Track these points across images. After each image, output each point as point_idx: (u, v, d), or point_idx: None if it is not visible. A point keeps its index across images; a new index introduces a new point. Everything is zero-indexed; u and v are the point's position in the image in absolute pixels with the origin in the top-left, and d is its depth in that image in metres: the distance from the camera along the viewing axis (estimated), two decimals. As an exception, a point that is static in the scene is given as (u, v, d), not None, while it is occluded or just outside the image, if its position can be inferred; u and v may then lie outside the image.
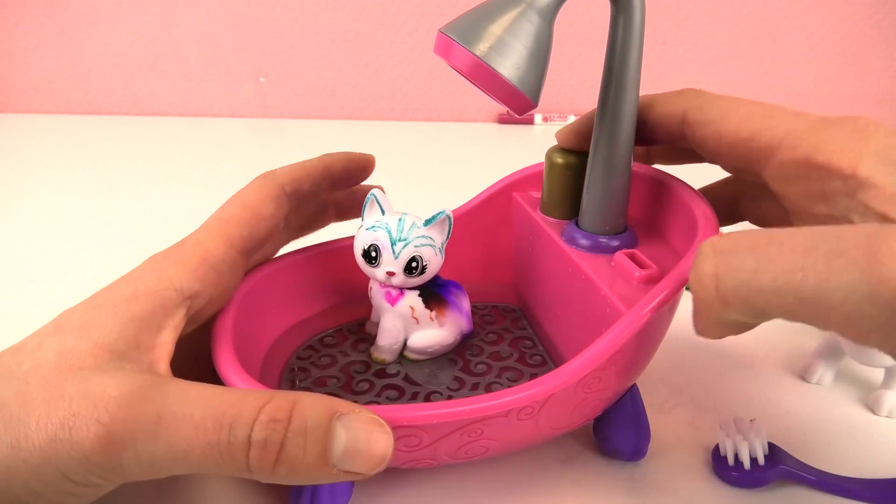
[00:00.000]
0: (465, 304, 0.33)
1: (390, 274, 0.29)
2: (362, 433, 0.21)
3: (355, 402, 0.29)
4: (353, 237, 0.31)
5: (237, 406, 0.20)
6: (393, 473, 0.28)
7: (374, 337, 0.32)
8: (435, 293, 0.31)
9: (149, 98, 0.91)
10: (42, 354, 0.22)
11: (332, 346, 0.33)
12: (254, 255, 0.29)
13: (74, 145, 0.79)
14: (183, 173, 0.69)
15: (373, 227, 0.29)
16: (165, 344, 0.24)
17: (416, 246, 0.29)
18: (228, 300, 0.28)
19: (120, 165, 0.72)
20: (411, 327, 0.31)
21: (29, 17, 0.87)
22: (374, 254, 0.29)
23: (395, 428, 0.23)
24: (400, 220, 0.29)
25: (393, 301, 0.31)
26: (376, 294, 0.31)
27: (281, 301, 0.32)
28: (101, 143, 0.80)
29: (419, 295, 0.31)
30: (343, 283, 0.34)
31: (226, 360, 0.25)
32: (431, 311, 0.31)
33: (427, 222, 0.30)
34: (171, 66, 0.90)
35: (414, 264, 0.29)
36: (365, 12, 0.88)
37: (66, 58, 0.89)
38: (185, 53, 0.90)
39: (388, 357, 0.32)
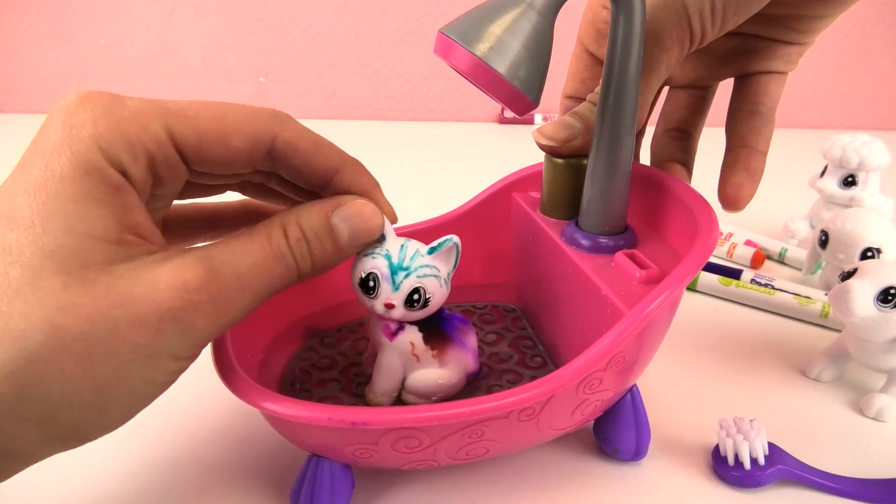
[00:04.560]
0: (472, 340, 0.30)
1: (389, 306, 0.27)
2: (355, 216, 0.25)
3: (355, 404, 0.29)
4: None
5: (271, 230, 0.24)
6: (393, 474, 0.28)
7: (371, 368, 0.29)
8: (438, 328, 0.28)
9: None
10: (19, 256, 0.19)
11: (331, 347, 0.33)
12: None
13: (74, 145, 0.79)
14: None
15: (371, 253, 0.27)
16: (144, 216, 0.22)
17: (418, 276, 0.26)
18: None
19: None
20: (411, 365, 0.28)
21: (28, 16, 0.87)
22: (371, 283, 0.26)
23: (395, 430, 0.23)
24: (402, 246, 0.27)
25: (392, 336, 0.28)
26: (373, 327, 0.28)
27: (281, 301, 0.32)
28: (100, 143, 0.80)
29: (420, 330, 0.28)
30: (343, 284, 0.34)
31: (225, 362, 0.25)
32: (433, 348, 0.28)
33: (432, 250, 0.27)
34: (171, 66, 0.90)
35: (416, 296, 0.26)
36: (365, 12, 0.88)
37: (66, 58, 0.89)
38: (185, 53, 0.89)
39: (384, 400, 0.29)
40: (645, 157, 0.35)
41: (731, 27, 0.29)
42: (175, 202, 0.26)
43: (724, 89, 0.36)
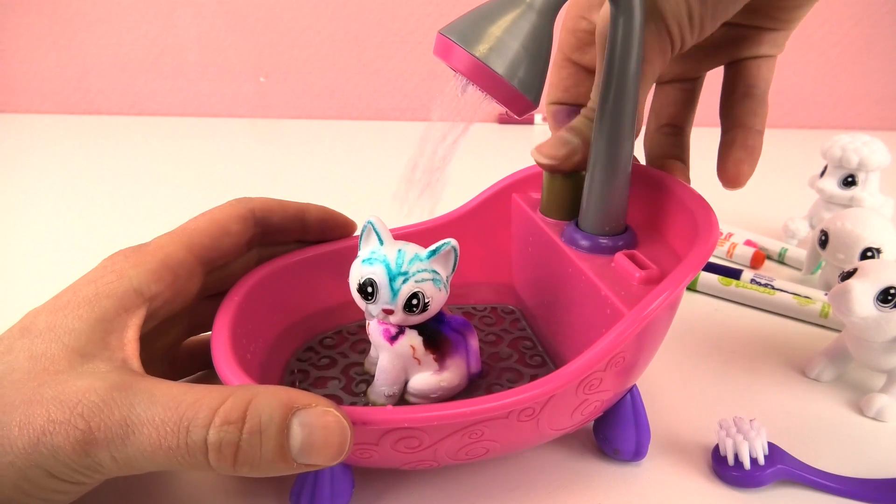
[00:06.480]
0: (473, 342, 0.30)
1: (388, 312, 0.27)
2: (318, 428, 0.21)
3: (355, 404, 0.29)
4: (355, 238, 0.31)
5: (194, 408, 0.21)
6: (394, 474, 0.28)
7: (373, 374, 0.30)
8: (438, 331, 0.28)
9: (148, 98, 0.91)
10: (14, 359, 0.23)
11: (332, 347, 0.33)
12: (215, 270, 0.30)
13: (74, 145, 0.79)
14: (183, 173, 0.69)
15: (369, 259, 0.27)
16: (132, 342, 0.25)
17: (416, 281, 0.26)
18: (225, 305, 0.29)
19: (120, 165, 0.72)
20: (412, 368, 0.28)
21: (29, 17, 0.87)
22: (370, 289, 0.26)
23: (395, 430, 0.23)
24: (399, 251, 0.27)
25: (392, 340, 0.28)
26: (374, 331, 0.29)
27: (281, 301, 0.32)
28: (101, 143, 0.80)
29: (420, 333, 0.28)
30: (343, 284, 0.34)
31: (224, 361, 0.25)
32: (434, 351, 0.28)
33: (430, 254, 0.27)
34: (171, 66, 0.90)
35: (414, 301, 0.26)
36: (365, 12, 0.88)
37: (66, 58, 0.89)
38: (185, 53, 0.89)
39: (386, 401, 0.29)
40: (638, 155, 0.35)
41: (711, 32, 0.29)
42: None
43: (713, 81, 0.36)
